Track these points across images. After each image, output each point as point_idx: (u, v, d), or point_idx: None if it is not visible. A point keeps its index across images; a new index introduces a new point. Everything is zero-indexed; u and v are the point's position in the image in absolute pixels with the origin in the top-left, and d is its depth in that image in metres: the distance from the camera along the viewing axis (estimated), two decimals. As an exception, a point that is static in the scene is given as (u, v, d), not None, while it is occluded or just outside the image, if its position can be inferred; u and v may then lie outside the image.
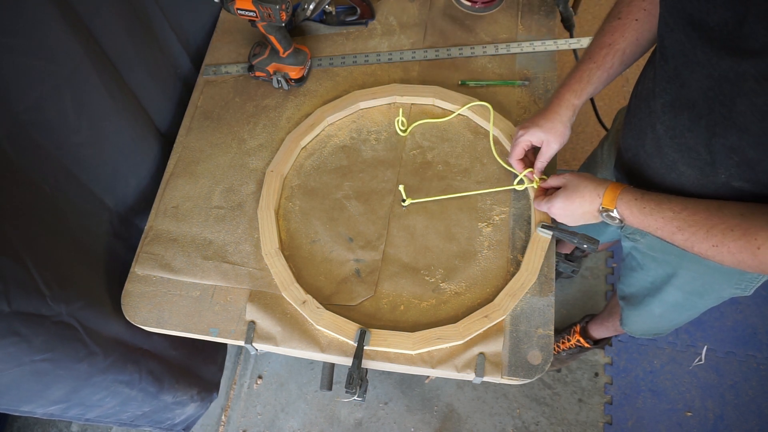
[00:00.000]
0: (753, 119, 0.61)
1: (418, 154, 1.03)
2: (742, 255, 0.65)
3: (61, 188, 0.84)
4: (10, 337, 0.68)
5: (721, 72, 0.62)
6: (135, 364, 0.99)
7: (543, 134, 0.90)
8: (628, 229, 1.02)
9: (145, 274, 0.95)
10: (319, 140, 1.06)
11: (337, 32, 1.19)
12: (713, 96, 0.65)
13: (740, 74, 0.60)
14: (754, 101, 0.60)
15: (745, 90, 0.60)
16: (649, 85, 0.79)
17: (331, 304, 0.90)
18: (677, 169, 0.77)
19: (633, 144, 0.86)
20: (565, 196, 0.85)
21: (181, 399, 1.22)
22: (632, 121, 0.86)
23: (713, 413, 1.62)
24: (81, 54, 0.80)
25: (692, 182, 0.76)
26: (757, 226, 0.65)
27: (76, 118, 0.83)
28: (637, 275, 1.09)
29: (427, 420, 1.62)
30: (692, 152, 0.73)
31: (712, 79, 0.64)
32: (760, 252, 0.64)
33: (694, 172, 0.75)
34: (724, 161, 0.69)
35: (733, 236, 0.66)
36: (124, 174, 0.99)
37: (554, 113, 0.89)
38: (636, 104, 0.85)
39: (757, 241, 0.64)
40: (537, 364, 0.85)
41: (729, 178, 0.70)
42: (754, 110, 0.61)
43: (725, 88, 0.63)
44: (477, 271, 0.92)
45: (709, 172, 0.72)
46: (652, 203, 0.74)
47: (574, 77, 0.88)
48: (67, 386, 0.85)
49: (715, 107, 0.65)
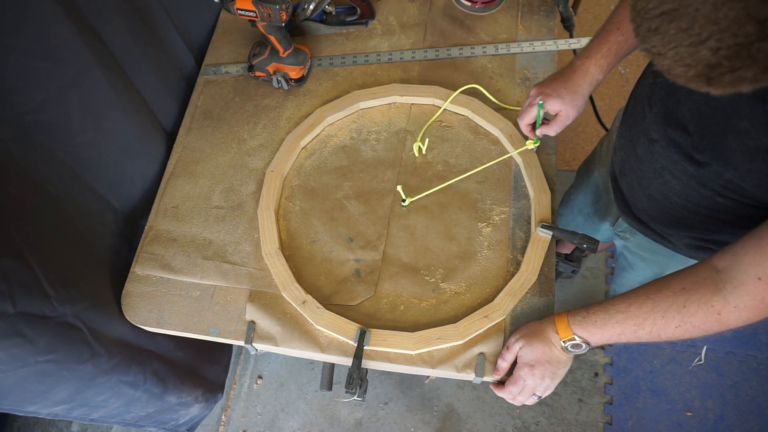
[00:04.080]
0: (742, 159, 0.60)
1: (418, 154, 1.03)
2: (707, 325, 0.64)
3: (67, 189, 0.84)
4: (15, 337, 0.68)
5: (717, 103, 0.61)
6: (140, 366, 0.99)
7: (562, 106, 0.86)
8: (620, 226, 1.02)
9: (145, 274, 0.94)
10: (319, 140, 1.06)
11: (337, 32, 1.19)
12: (706, 124, 0.64)
13: (737, 111, 0.58)
14: (745, 143, 0.59)
15: (739, 129, 0.59)
16: (646, 91, 0.77)
17: (331, 304, 0.90)
18: (664, 177, 0.76)
19: (626, 144, 0.85)
20: (527, 346, 0.79)
21: (185, 400, 1.22)
22: (628, 122, 0.85)
23: (713, 413, 1.62)
24: (87, 54, 0.80)
25: (677, 192, 0.75)
26: (705, 294, 0.63)
27: (81, 119, 0.83)
28: (628, 275, 1.10)
29: (427, 420, 1.62)
30: (679, 166, 0.72)
31: (709, 107, 0.62)
32: (722, 317, 0.62)
33: (680, 183, 0.74)
34: (711, 180, 0.68)
35: (688, 312, 0.64)
36: (130, 174, 0.99)
37: (577, 86, 0.85)
38: (633, 105, 0.84)
39: (715, 308, 0.62)
40: (537, 364, 0.85)
41: (714, 193, 0.69)
42: (744, 151, 0.60)
43: (719, 121, 0.61)
44: (477, 271, 0.92)
45: (695, 186, 0.71)
46: (599, 313, 0.72)
47: (600, 49, 0.83)
48: (72, 387, 0.85)
49: (707, 136, 0.64)
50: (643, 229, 0.91)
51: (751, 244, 0.59)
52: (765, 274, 0.57)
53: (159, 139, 1.05)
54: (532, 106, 0.90)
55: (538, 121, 0.91)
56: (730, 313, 0.61)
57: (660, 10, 0.41)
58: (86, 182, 0.88)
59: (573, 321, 0.75)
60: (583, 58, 0.85)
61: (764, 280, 0.57)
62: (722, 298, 0.61)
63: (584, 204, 1.22)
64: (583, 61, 0.85)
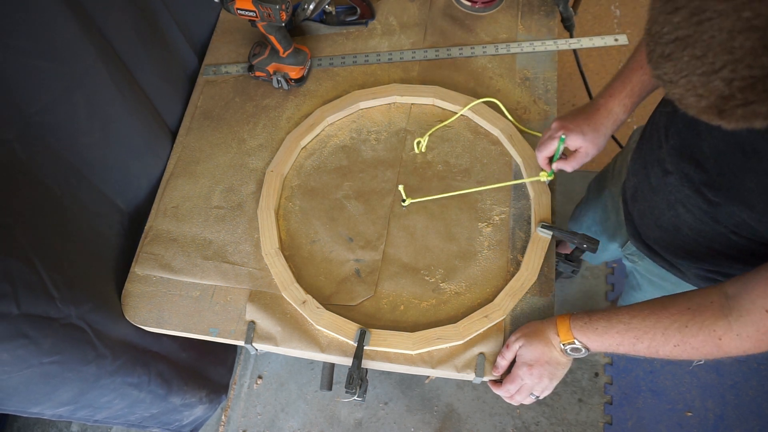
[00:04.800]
0: (760, 199, 0.59)
1: (418, 154, 1.03)
2: (705, 348, 0.63)
3: (72, 190, 0.84)
4: (19, 339, 0.68)
5: (737, 140, 0.59)
6: (144, 367, 0.99)
7: (583, 143, 0.84)
8: (629, 249, 1.01)
9: (145, 274, 0.94)
10: (319, 140, 1.06)
11: (337, 32, 1.19)
12: (724, 162, 0.62)
13: (756, 150, 0.57)
14: (764, 182, 0.57)
15: (758, 169, 0.57)
16: (664, 120, 0.75)
17: (331, 304, 0.90)
18: (677, 209, 0.75)
19: (639, 171, 0.83)
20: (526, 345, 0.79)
21: (189, 401, 1.22)
22: (643, 149, 0.83)
23: (713, 413, 1.62)
24: (93, 55, 0.80)
25: (690, 225, 0.74)
26: (709, 317, 0.62)
27: (87, 120, 0.83)
28: (636, 294, 1.09)
29: (427, 420, 1.62)
30: (692, 200, 0.71)
31: (728, 144, 0.61)
32: (723, 342, 0.61)
33: (693, 217, 0.73)
34: (724, 219, 0.67)
35: (690, 333, 0.63)
36: (136, 175, 0.99)
37: (600, 124, 0.83)
38: (650, 132, 0.81)
39: (717, 333, 0.61)
40: (537, 364, 0.85)
41: (728, 230, 0.68)
42: (762, 191, 0.58)
43: (738, 159, 0.60)
44: (477, 271, 0.92)
45: (708, 221, 0.70)
46: (602, 321, 0.72)
47: (624, 88, 0.81)
48: (76, 388, 0.85)
49: (725, 173, 0.63)
50: (653, 255, 0.90)
51: (762, 275, 0.59)
52: None
53: (164, 139, 1.05)
54: (552, 139, 0.86)
55: (556, 155, 0.89)
56: (731, 341, 0.61)
57: (674, 35, 0.40)
58: (92, 183, 0.88)
59: (575, 325, 0.74)
60: (607, 96, 0.83)
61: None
62: (726, 324, 0.61)
63: (593, 222, 1.20)
64: (607, 100, 0.83)
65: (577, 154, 0.86)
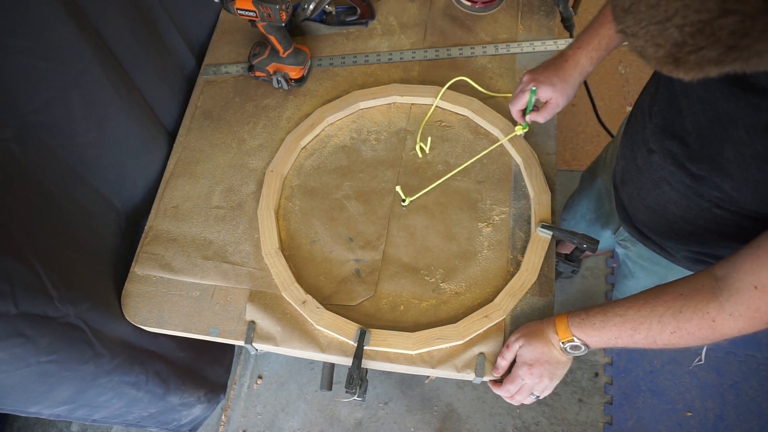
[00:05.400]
0: (737, 168, 0.61)
1: (421, 155, 1.03)
2: (701, 332, 0.63)
3: (69, 189, 0.84)
4: (17, 338, 0.68)
5: (716, 113, 0.61)
6: (142, 366, 0.99)
7: (553, 93, 0.88)
8: (621, 234, 1.02)
9: (145, 274, 0.94)
10: (319, 140, 1.06)
11: (337, 32, 1.19)
12: (705, 136, 0.64)
13: (733, 120, 0.59)
14: (741, 151, 0.59)
15: (735, 138, 0.59)
16: (648, 101, 0.78)
17: (331, 304, 0.90)
18: (662, 187, 0.77)
19: (627, 154, 0.86)
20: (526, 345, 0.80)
21: (188, 400, 1.22)
22: (629, 131, 0.86)
23: (713, 413, 1.62)
24: (89, 55, 0.80)
25: (675, 202, 0.76)
26: (701, 300, 0.63)
27: (83, 120, 0.83)
28: (629, 283, 1.10)
29: (427, 420, 1.62)
30: (677, 176, 0.73)
31: (706, 117, 0.63)
32: (717, 324, 0.62)
33: (678, 194, 0.74)
34: (707, 192, 0.69)
35: (684, 318, 0.64)
36: (133, 175, 0.99)
37: (569, 75, 0.87)
38: (635, 115, 0.84)
39: (710, 315, 0.62)
40: (537, 364, 0.85)
41: (711, 205, 0.70)
42: (740, 160, 0.60)
43: (717, 131, 0.62)
44: (477, 271, 0.92)
45: (693, 197, 0.72)
46: (598, 315, 0.73)
47: (591, 41, 0.85)
48: (74, 387, 0.85)
49: (706, 146, 0.65)
50: (643, 239, 0.92)
51: (749, 253, 0.59)
52: (761, 282, 0.57)
53: (161, 139, 1.05)
54: (524, 93, 0.90)
55: (529, 107, 0.92)
56: (724, 321, 0.61)
57: None
58: (88, 182, 0.88)
59: (572, 322, 0.75)
60: (575, 48, 0.86)
61: (760, 290, 0.57)
62: (718, 305, 0.61)
63: (587, 210, 1.21)
64: (575, 51, 0.86)
65: (548, 105, 0.90)
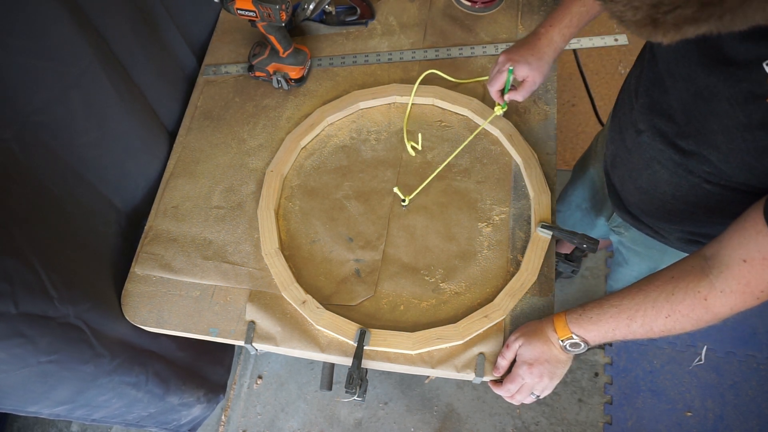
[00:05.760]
0: (723, 139, 0.62)
1: (418, 154, 1.03)
2: (695, 313, 0.64)
3: (69, 190, 0.84)
4: (17, 338, 0.68)
5: (697, 89, 0.63)
6: (142, 366, 0.99)
7: (529, 71, 0.90)
8: (615, 221, 1.04)
9: (145, 274, 0.94)
10: (319, 140, 1.06)
11: (337, 32, 1.19)
12: (690, 111, 0.66)
13: (714, 94, 0.60)
14: (725, 122, 0.60)
15: (718, 111, 0.60)
16: (633, 83, 0.79)
17: (331, 304, 0.90)
18: (653, 167, 0.78)
19: (616, 137, 0.87)
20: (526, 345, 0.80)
21: (187, 400, 1.22)
22: (617, 115, 0.87)
23: (713, 413, 1.62)
24: (90, 55, 0.80)
25: (666, 180, 0.77)
26: (692, 281, 0.64)
27: (84, 120, 0.83)
28: (623, 270, 1.12)
29: (427, 420, 1.62)
30: (666, 154, 0.74)
31: (689, 93, 0.64)
32: (709, 302, 0.62)
33: (668, 172, 0.75)
34: (696, 167, 0.70)
35: (676, 299, 0.65)
36: (133, 175, 0.99)
37: (543, 53, 0.89)
38: (622, 98, 0.86)
39: (702, 293, 0.63)
40: (537, 364, 0.85)
41: (701, 180, 0.71)
42: (724, 131, 0.61)
43: (701, 106, 0.63)
44: (477, 271, 0.92)
45: (682, 173, 0.73)
46: (595, 309, 0.73)
47: (563, 19, 0.88)
48: (73, 387, 0.85)
49: (692, 121, 0.66)
50: (636, 223, 0.93)
51: (735, 228, 0.60)
52: (749, 255, 0.58)
53: (161, 139, 1.05)
54: (501, 73, 0.92)
55: (507, 86, 0.94)
56: (716, 298, 0.62)
57: None
58: (89, 183, 0.88)
59: (570, 319, 0.75)
60: (548, 26, 0.89)
61: (749, 263, 0.58)
62: (709, 283, 0.62)
63: (582, 199, 1.23)
64: (547, 29, 0.89)
65: (525, 83, 0.92)
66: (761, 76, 0.54)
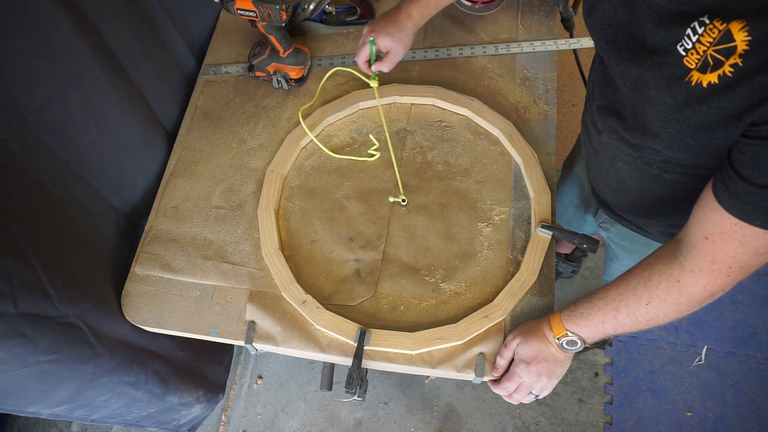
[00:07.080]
0: (660, 125, 0.64)
1: (418, 154, 1.03)
2: (671, 296, 0.65)
3: (68, 189, 0.84)
4: (16, 338, 0.68)
5: (632, 81, 0.65)
6: (141, 366, 0.99)
7: (392, 43, 0.95)
8: (601, 217, 1.06)
9: (145, 274, 0.94)
10: (320, 140, 1.06)
11: (337, 32, 1.19)
12: (634, 105, 0.68)
13: (644, 83, 0.63)
14: (657, 108, 0.63)
15: (649, 99, 0.63)
16: (590, 86, 0.83)
17: (331, 304, 0.90)
18: (616, 164, 0.80)
19: (585, 138, 0.90)
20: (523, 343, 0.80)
21: (187, 400, 1.22)
22: (584, 117, 0.90)
23: (713, 413, 1.62)
24: (89, 55, 0.80)
25: (630, 176, 0.79)
26: (665, 264, 0.66)
27: (83, 119, 0.83)
28: (614, 265, 1.14)
29: (427, 420, 1.62)
30: (623, 151, 0.76)
31: (628, 87, 0.67)
32: (682, 284, 0.64)
33: (629, 167, 0.78)
34: (650, 158, 0.72)
35: (653, 285, 0.66)
36: (132, 175, 0.99)
37: (403, 25, 0.95)
38: (586, 101, 0.89)
39: (674, 275, 0.64)
40: (537, 364, 0.85)
41: (660, 170, 0.73)
42: (658, 117, 0.63)
43: (638, 98, 0.66)
44: (477, 271, 0.92)
45: (642, 167, 0.75)
46: (585, 304, 0.75)
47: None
48: (73, 387, 0.85)
49: (637, 116, 0.69)
50: (619, 219, 0.95)
51: (695, 209, 0.62)
52: (709, 232, 0.59)
53: (160, 139, 1.05)
54: (365, 44, 0.97)
55: (372, 57, 0.98)
56: (688, 279, 0.63)
57: None
58: (88, 182, 0.88)
59: (564, 316, 0.76)
60: (408, 2, 0.95)
61: (710, 239, 0.60)
62: (679, 265, 0.64)
63: (573, 196, 1.24)
64: (407, 5, 0.95)
65: (389, 54, 0.97)
66: (677, 58, 0.57)
